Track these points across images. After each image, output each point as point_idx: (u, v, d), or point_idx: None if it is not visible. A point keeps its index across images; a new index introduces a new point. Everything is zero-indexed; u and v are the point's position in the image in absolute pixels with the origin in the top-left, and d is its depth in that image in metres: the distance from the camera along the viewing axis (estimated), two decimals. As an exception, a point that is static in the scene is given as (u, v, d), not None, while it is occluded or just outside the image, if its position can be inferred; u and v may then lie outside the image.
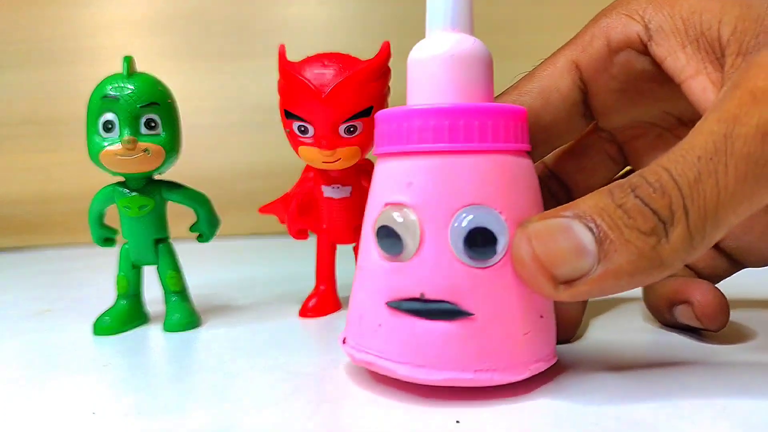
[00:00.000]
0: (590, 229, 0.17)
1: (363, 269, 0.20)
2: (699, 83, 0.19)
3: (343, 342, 0.21)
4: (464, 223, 0.18)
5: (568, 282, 0.17)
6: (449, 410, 0.18)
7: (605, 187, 0.17)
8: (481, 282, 0.18)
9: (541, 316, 0.19)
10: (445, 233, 0.18)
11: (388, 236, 0.19)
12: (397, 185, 0.19)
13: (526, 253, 0.17)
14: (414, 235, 0.18)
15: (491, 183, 0.18)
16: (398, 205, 0.19)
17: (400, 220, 0.19)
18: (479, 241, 0.18)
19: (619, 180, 0.17)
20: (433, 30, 0.20)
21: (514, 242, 0.18)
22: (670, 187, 0.16)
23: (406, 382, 0.19)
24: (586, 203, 0.17)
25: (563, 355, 0.23)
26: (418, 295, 0.18)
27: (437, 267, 0.18)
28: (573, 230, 0.17)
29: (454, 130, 0.18)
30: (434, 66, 0.19)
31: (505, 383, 0.18)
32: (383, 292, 0.19)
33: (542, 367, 0.19)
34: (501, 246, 0.18)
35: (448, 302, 0.18)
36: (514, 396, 0.19)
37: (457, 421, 0.17)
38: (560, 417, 0.17)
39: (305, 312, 0.30)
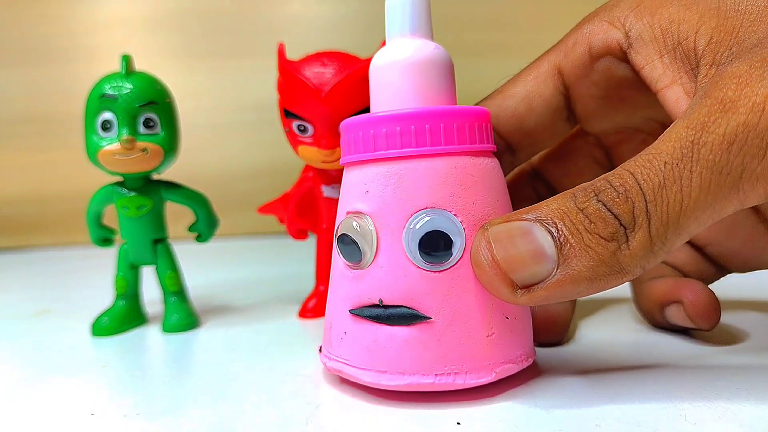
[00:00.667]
0: (551, 233, 0.17)
1: (332, 279, 0.21)
2: (673, 93, 0.19)
3: (320, 351, 0.21)
4: (417, 227, 0.18)
5: (527, 286, 0.17)
6: (449, 412, 0.18)
7: (570, 190, 0.17)
8: (438, 285, 0.18)
9: (507, 318, 0.19)
10: (400, 238, 0.18)
11: (349, 245, 0.19)
12: (356, 194, 0.19)
13: (485, 257, 0.17)
14: (371, 243, 0.19)
15: (444, 186, 0.18)
16: (357, 214, 0.19)
17: (357, 228, 0.19)
18: (433, 245, 0.18)
19: (584, 183, 0.17)
20: (393, 37, 0.20)
21: (473, 244, 0.18)
22: (634, 192, 0.16)
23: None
24: (549, 206, 0.17)
25: (562, 358, 0.23)
26: (377, 302, 0.19)
27: (393, 272, 0.18)
28: (533, 234, 0.17)
29: (405, 136, 0.19)
30: (395, 73, 0.20)
31: (468, 387, 0.18)
32: (347, 300, 0.20)
33: (512, 369, 0.19)
34: (457, 248, 0.18)
35: (405, 307, 0.18)
36: (515, 398, 0.19)
37: (458, 423, 0.17)
38: (562, 418, 0.17)
39: (305, 312, 0.30)
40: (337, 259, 0.20)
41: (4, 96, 0.62)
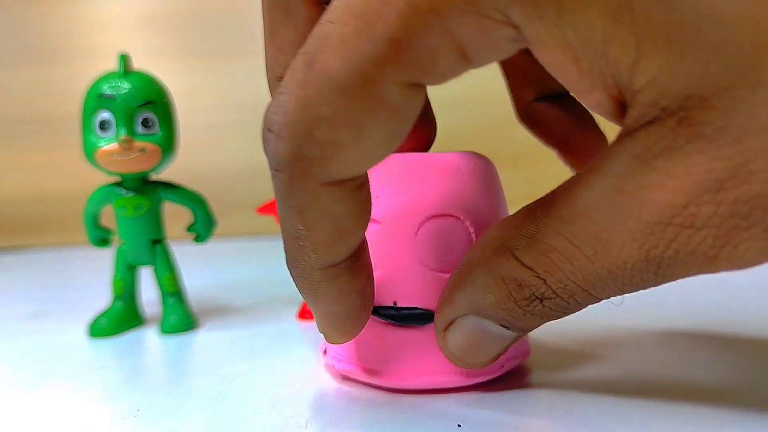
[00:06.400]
0: (504, 326, 0.16)
1: None
2: (596, 99, 0.14)
3: (324, 353, 0.22)
4: (431, 233, 0.19)
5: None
6: (450, 414, 0.18)
7: (501, 277, 0.16)
8: None
9: None
10: (413, 243, 0.19)
11: None
12: None
13: (462, 364, 0.18)
14: (384, 248, 0.19)
15: (452, 192, 0.19)
16: None
17: (368, 234, 0.19)
18: (446, 249, 0.19)
19: (518, 272, 0.15)
20: None
21: (441, 348, 0.18)
22: (579, 294, 0.15)
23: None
24: (487, 301, 0.16)
25: (562, 360, 0.22)
26: (390, 304, 0.19)
27: (407, 276, 0.19)
28: (489, 331, 0.17)
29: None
30: None
31: (478, 383, 0.19)
32: None
33: (516, 362, 0.20)
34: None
35: (420, 308, 0.19)
36: (515, 401, 0.19)
37: (459, 425, 0.17)
38: (563, 423, 0.17)
39: (303, 314, 0.30)
40: None
41: (2, 96, 0.62)
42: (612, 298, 0.15)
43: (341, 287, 0.16)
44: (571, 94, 0.15)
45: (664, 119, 0.12)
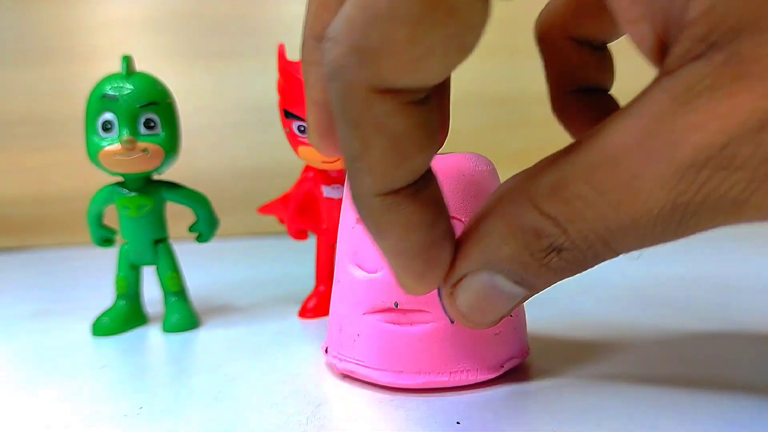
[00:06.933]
0: (516, 282, 0.16)
1: (340, 282, 0.21)
2: (641, 31, 0.14)
3: (326, 351, 0.22)
4: None
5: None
6: (450, 411, 0.18)
7: (518, 227, 0.15)
8: None
9: (510, 316, 0.20)
10: None
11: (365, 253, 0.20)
12: None
13: (467, 323, 0.17)
14: None
15: (455, 194, 0.19)
16: None
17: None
18: None
19: (538, 222, 0.14)
20: None
21: (446, 309, 0.17)
22: (597, 245, 0.14)
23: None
24: (502, 253, 0.15)
25: (561, 356, 0.23)
26: (392, 305, 0.19)
27: None
28: (500, 288, 0.16)
29: None
30: None
31: (479, 381, 0.19)
32: (360, 304, 0.20)
33: (515, 362, 0.20)
34: None
35: (421, 310, 0.19)
36: (514, 397, 0.19)
37: (458, 423, 0.17)
38: (561, 418, 0.17)
39: (304, 313, 0.30)
40: (345, 264, 0.21)
41: (4, 96, 0.62)
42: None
43: (405, 219, 0.15)
44: (616, 20, 0.15)
45: (710, 56, 0.12)
